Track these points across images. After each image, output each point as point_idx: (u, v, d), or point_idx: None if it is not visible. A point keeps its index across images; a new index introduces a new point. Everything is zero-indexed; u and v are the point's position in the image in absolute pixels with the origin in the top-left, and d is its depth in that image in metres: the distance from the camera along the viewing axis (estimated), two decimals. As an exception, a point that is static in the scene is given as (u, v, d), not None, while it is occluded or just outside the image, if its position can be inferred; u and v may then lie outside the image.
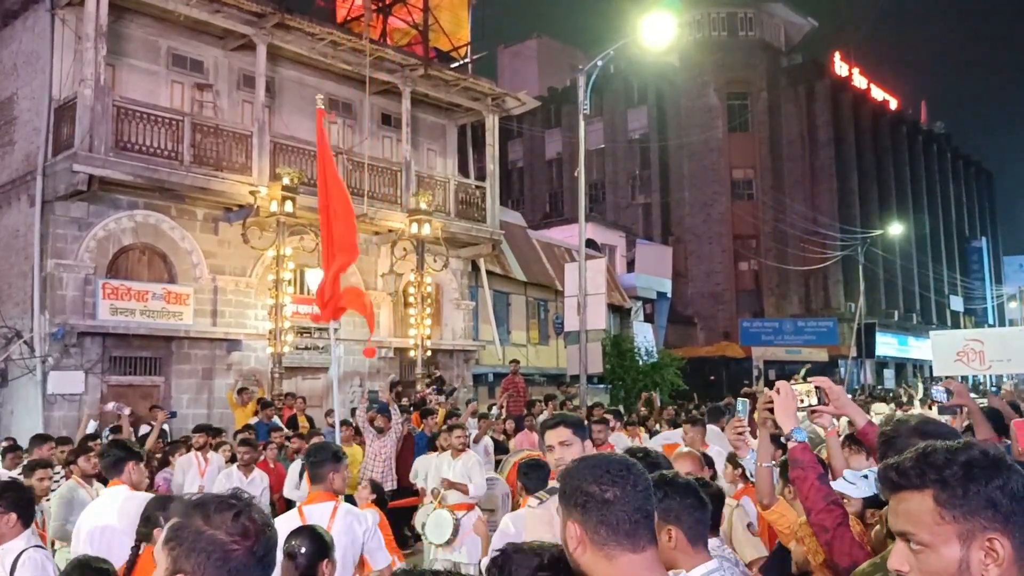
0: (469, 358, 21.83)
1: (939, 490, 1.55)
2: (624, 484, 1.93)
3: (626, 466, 2.02)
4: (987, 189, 60.04)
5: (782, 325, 34.79)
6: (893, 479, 1.64)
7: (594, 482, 1.92)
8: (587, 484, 1.92)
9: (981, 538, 1.51)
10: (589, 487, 1.91)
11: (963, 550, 1.52)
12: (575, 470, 2.00)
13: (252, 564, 1.80)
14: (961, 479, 1.54)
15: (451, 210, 20.26)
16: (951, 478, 1.55)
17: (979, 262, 55.44)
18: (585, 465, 2.01)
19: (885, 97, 44.83)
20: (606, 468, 1.97)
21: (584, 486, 1.92)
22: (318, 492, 4.85)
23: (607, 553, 1.88)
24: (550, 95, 40.10)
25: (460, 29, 22.04)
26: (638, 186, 41.34)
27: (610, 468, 1.98)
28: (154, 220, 15.79)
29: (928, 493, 1.56)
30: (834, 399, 3.04)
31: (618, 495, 1.91)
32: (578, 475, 1.97)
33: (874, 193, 42.15)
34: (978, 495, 1.53)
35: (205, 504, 1.82)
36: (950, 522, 1.53)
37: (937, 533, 1.54)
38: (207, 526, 1.77)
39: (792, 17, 43.16)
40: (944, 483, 1.55)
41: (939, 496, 1.55)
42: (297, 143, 17.39)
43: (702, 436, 8.06)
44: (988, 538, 1.51)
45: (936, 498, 1.55)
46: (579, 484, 1.94)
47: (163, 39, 16.69)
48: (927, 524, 1.55)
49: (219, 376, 16.37)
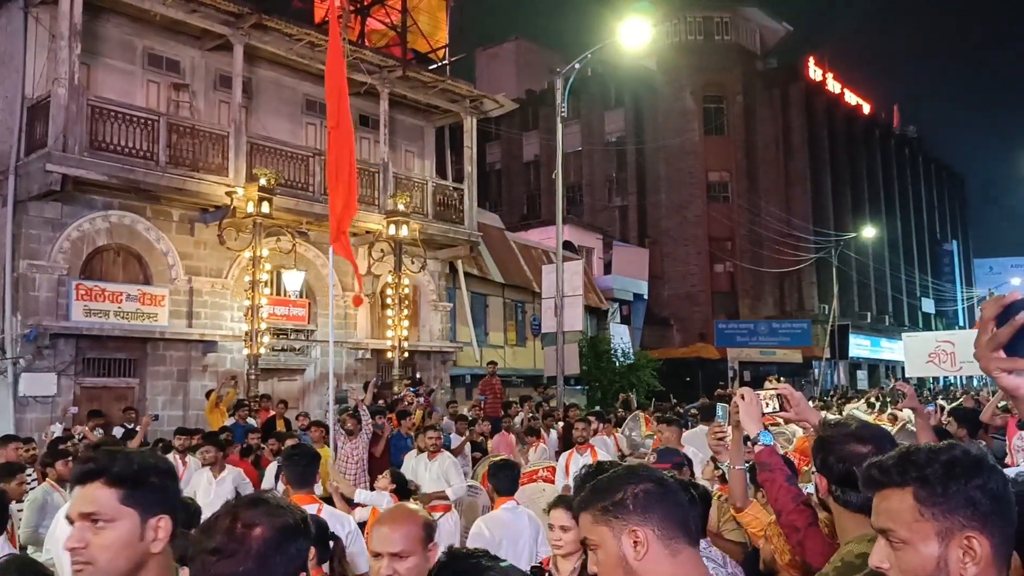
0: (446, 359, 21.83)
1: (919, 487, 1.56)
2: (656, 479, 1.96)
3: (641, 467, 2.04)
4: (958, 193, 60.85)
5: (757, 326, 35.09)
6: (875, 477, 1.65)
7: (638, 482, 1.92)
8: (631, 486, 1.91)
9: (959, 536, 1.53)
10: (636, 487, 1.91)
11: (941, 548, 1.53)
12: (606, 483, 1.97)
13: None
14: (941, 477, 1.56)
15: (429, 212, 20.26)
16: (931, 476, 1.56)
17: (950, 265, 56.17)
18: (610, 476, 2.00)
19: (858, 101, 45.34)
20: (632, 471, 2.00)
21: (630, 488, 1.91)
22: (300, 495, 4.86)
23: (672, 549, 1.86)
24: (528, 97, 40.17)
25: (438, 31, 22.04)
26: (615, 188, 41.51)
27: (645, 470, 2.02)
28: (129, 221, 15.66)
29: (908, 491, 1.57)
30: (794, 405, 3.12)
31: (662, 488, 1.93)
32: (615, 484, 1.95)
33: (847, 196, 42.61)
34: (957, 493, 1.54)
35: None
36: (929, 519, 1.54)
37: (916, 530, 1.55)
38: None
39: (767, 22, 43.52)
40: (924, 481, 1.56)
41: (919, 493, 1.56)
42: (274, 144, 17.32)
43: (678, 436, 8.14)
44: (966, 536, 1.52)
45: (916, 495, 1.56)
46: (630, 487, 1.91)
47: (139, 38, 16.57)
48: (907, 521, 1.56)
49: (195, 378, 16.27)
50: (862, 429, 2.60)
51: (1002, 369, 1.54)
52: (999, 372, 1.55)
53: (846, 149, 43.33)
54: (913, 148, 52.36)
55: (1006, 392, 1.59)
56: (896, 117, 52.41)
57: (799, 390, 3.29)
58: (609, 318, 30.58)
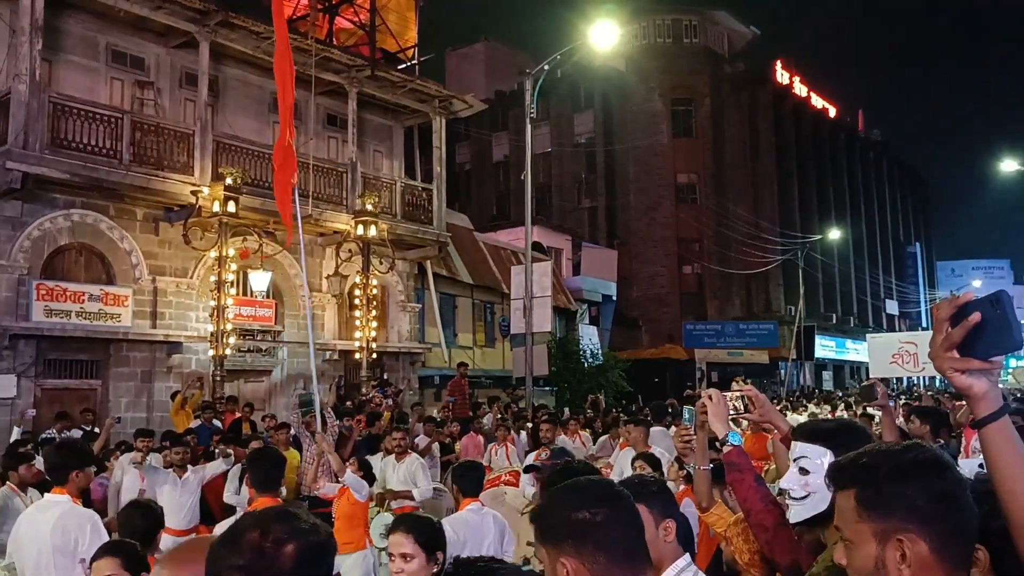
0: (415, 360, 21.75)
1: (860, 489, 1.61)
2: (611, 503, 1.82)
3: (604, 486, 1.91)
4: (921, 196, 61.76)
5: (724, 327, 35.35)
6: (833, 478, 1.72)
7: (582, 508, 1.77)
8: (574, 512, 1.77)
9: (896, 538, 1.56)
10: (577, 514, 1.76)
11: (879, 548, 1.57)
12: (552, 504, 1.86)
13: None
14: (880, 480, 1.59)
15: (397, 212, 20.18)
16: (871, 479, 1.60)
17: (913, 267, 57.01)
18: (562, 496, 1.86)
19: (824, 105, 45.86)
20: (586, 493, 1.84)
21: (571, 515, 1.77)
22: (265, 498, 4.82)
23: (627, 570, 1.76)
24: (497, 98, 40.14)
25: (407, 31, 21.96)
26: (584, 190, 41.60)
27: (591, 492, 1.85)
28: (92, 220, 15.42)
29: (851, 492, 1.63)
30: (759, 407, 3.18)
31: (609, 515, 1.77)
32: (558, 506, 1.82)
33: (813, 199, 43.09)
34: (894, 495, 1.57)
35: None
36: (866, 520, 1.59)
37: (857, 531, 1.60)
38: None
39: (735, 25, 43.88)
40: (864, 483, 1.61)
41: (859, 495, 1.61)
42: (241, 143, 17.16)
43: (645, 436, 8.18)
44: (903, 537, 1.55)
45: (856, 497, 1.61)
46: (564, 514, 1.78)
47: (102, 35, 16.33)
48: (851, 521, 1.62)
49: (159, 379, 16.06)
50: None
51: (955, 369, 1.58)
52: (952, 372, 1.59)
53: (812, 152, 43.83)
54: (877, 152, 53.08)
55: (959, 391, 1.63)
56: (861, 121, 53.11)
57: (765, 391, 3.33)
58: (578, 319, 30.65)
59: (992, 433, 1.58)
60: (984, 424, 1.59)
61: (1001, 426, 1.57)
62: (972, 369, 1.56)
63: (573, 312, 30.34)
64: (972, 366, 1.56)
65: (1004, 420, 1.58)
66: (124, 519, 4.12)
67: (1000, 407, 1.58)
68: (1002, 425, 1.57)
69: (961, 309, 1.55)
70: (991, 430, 1.58)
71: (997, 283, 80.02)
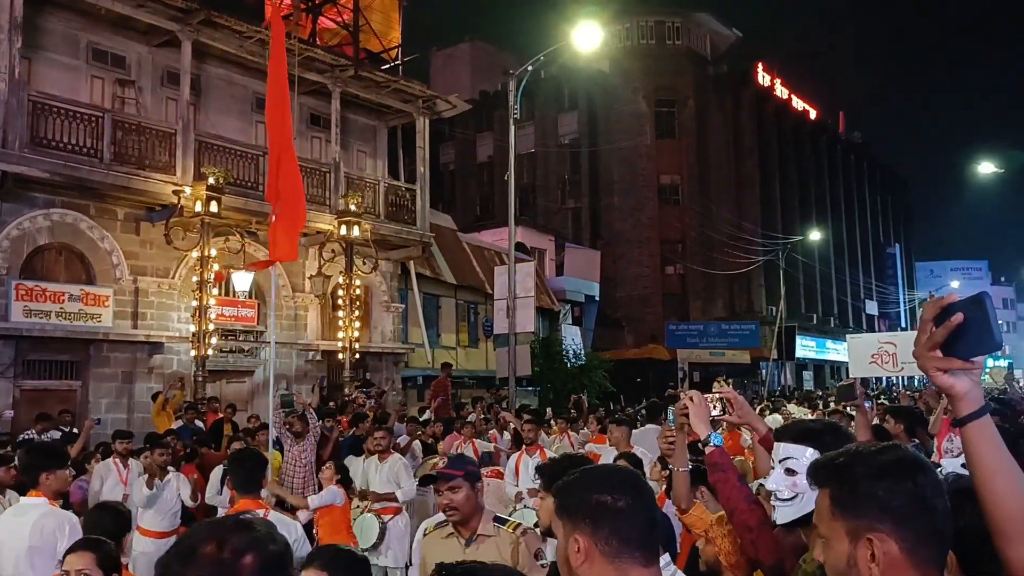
0: (398, 361, 21.73)
1: (834, 488, 1.65)
2: (634, 493, 1.88)
3: (630, 475, 1.98)
4: (901, 197, 62.24)
5: (707, 328, 35.50)
6: (812, 477, 1.75)
7: (605, 491, 1.85)
8: (597, 494, 1.84)
9: (867, 536, 1.58)
10: (601, 496, 1.83)
11: (851, 547, 1.60)
12: (578, 482, 1.92)
13: None
14: (854, 479, 1.62)
15: (381, 212, 20.15)
16: (845, 478, 1.63)
17: (893, 267, 57.47)
18: (589, 476, 1.95)
19: (805, 107, 46.19)
20: (612, 478, 1.93)
21: (594, 496, 1.84)
22: (246, 500, 4.81)
23: (618, 567, 1.80)
24: (482, 99, 40.12)
25: (391, 31, 21.92)
26: (568, 190, 41.66)
27: (616, 478, 1.94)
28: (72, 219, 15.31)
29: (826, 491, 1.67)
30: (737, 408, 3.22)
31: (630, 504, 1.84)
32: (583, 486, 1.89)
33: (795, 200, 43.37)
34: (867, 495, 1.60)
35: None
36: (839, 519, 1.62)
37: (831, 529, 1.63)
38: None
39: (718, 27, 44.08)
40: (838, 482, 1.64)
41: (833, 494, 1.65)
42: (223, 142, 17.08)
43: (627, 436, 8.21)
44: (873, 536, 1.57)
45: (831, 495, 1.65)
46: (587, 494, 1.86)
47: (83, 33, 16.21)
48: (825, 519, 1.66)
49: (140, 380, 15.96)
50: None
51: (937, 368, 1.61)
52: (934, 371, 1.62)
53: (794, 154, 44.13)
54: (858, 154, 53.46)
55: (941, 390, 1.66)
56: (842, 123, 53.50)
57: (747, 391, 3.36)
58: (561, 319, 30.69)
59: (973, 431, 1.60)
60: (965, 422, 1.61)
61: (982, 425, 1.60)
62: (954, 369, 1.60)
63: (556, 312, 30.37)
64: (954, 365, 1.59)
65: (985, 419, 1.60)
66: (93, 520, 4.10)
67: (981, 406, 1.61)
68: (983, 424, 1.60)
69: (945, 310, 1.58)
70: (972, 428, 1.60)
71: (975, 284, 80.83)
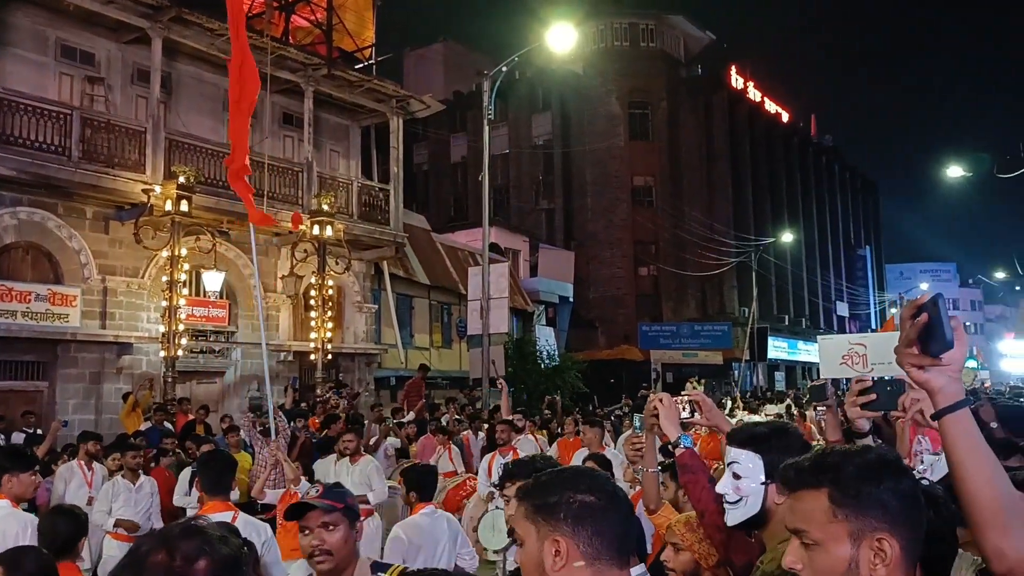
0: (371, 361, 21.64)
1: (833, 489, 1.61)
2: (612, 494, 1.85)
3: (605, 477, 1.93)
4: (871, 200, 62.94)
5: (679, 329, 35.68)
6: (792, 478, 1.70)
7: (587, 491, 1.80)
8: (579, 493, 1.80)
9: (871, 537, 1.57)
10: (583, 496, 1.79)
11: (853, 549, 1.57)
12: (557, 481, 1.87)
13: None
14: (855, 479, 1.61)
15: (354, 212, 20.06)
16: (845, 478, 1.61)
17: (863, 269, 58.08)
18: (566, 476, 1.89)
19: (777, 110, 46.57)
20: (592, 478, 1.89)
21: (576, 495, 1.79)
22: (215, 502, 4.77)
23: (597, 569, 1.76)
24: (456, 99, 40.06)
25: (365, 30, 21.84)
26: (542, 191, 41.71)
27: (594, 478, 1.89)
28: (39, 218, 15.10)
29: (823, 492, 1.62)
30: (706, 411, 3.26)
31: (610, 505, 1.81)
32: (563, 485, 1.84)
33: (767, 202, 43.73)
34: (870, 495, 1.59)
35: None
36: (842, 520, 1.59)
37: (829, 531, 1.59)
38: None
39: (691, 30, 44.31)
40: (838, 482, 1.61)
41: (833, 495, 1.61)
42: (194, 140, 16.92)
43: (600, 437, 8.23)
44: (878, 538, 1.57)
45: (830, 496, 1.61)
46: (569, 494, 1.80)
47: (52, 29, 16.00)
48: (821, 522, 1.60)
49: (108, 381, 15.77)
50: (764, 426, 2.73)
51: (911, 364, 1.67)
52: (909, 367, 1.68)
53: (766, 156, 44.49)
54: (829, 156, 54.00)
55: (918, 385, 1.70)
56: (813, 126, 53.99)
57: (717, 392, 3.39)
58: (535, 320, 30.72)
59: (949, 424, 1.63)
60: (940, 416, 1.65)
61: (957, 418, 1.63)
62: (925, 365, 1.65)
63: (530, 313, 30.40)
64: (924, 362, 1.65)
65: (963, 413, 1.63)
66: (47, 525, 4.03)
67: (958, 400, 1.63)
68: (958, 418, 1.63)
69: (918, 309, 1.64)
70: (947, 422, 1.63)
71: (943, 285, 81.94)
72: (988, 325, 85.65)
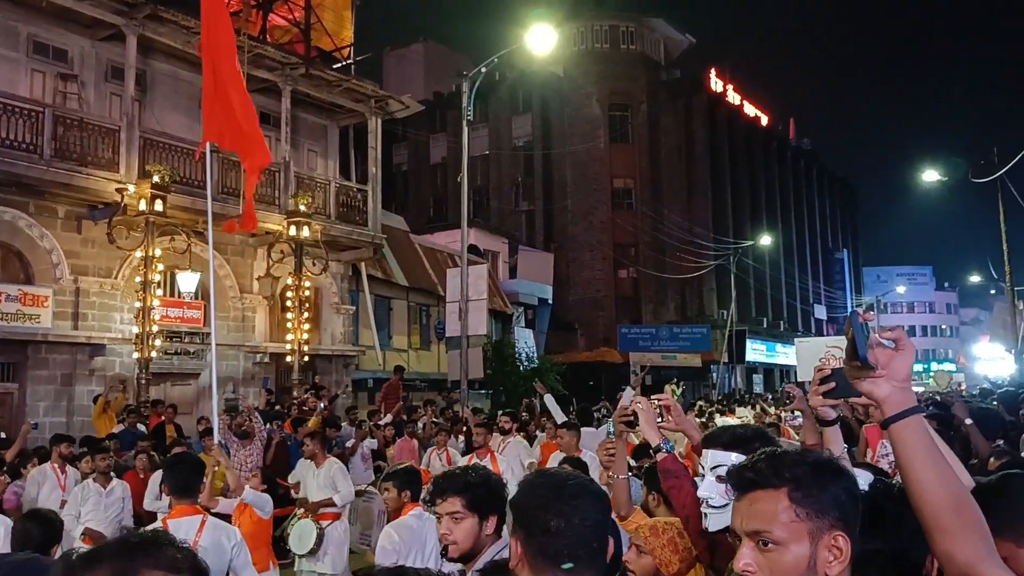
0: (349, 363, 21.49)
1: (793, 488, 1.61)
2: (572, 516, 1.86)
3: (581, 493, 1.93)
4: (849, 203, 63.44)
5: (659, 331, 35.79)
6: (749, 478, 1.67)
7: (542, 508, 1.84)
8: (535, 508, 1.84)
9: (828, 536, 1.58)
10: (535, 512, 1.84)
11: (812, 547, 1.58)
12: (531, 488, 1.94)
13: None
14: (813, 478, 1.62)
15: (332, 212, 19.91)
16: (804, 477, 1.62)
17: (841, 273, 58.52)
18: (541, 485, 1.94)
19: (757, 114, 46.79)
20: (559, 492, 1.90)
21: (531, 509, 1.85)
22: (183, 505, 4.67)
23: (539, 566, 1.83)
24: (436, 100, 39.99)
25: (343, 29, 21.71)
26: (522, 193, 41.71)
27: (563, 494, 1.90)
28: (10, 216, 14.86)
29: (783, 491, 1.61)
30: (674, 415, 3.29)
31: (562, 527, 1.83)
32: (532, 494, 1.90)
33: (746, 205, 43.92)
34: (828, 494, 1.60)
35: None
36: (803, 519, 1.59)
37: (791, 530, 1.59)
38: None
39: (672, 33, 44.48)
40: (798, 481, 1.61)
41: (793, 494, 1.61)
42: (169, 139, 16.72)
43: (576, 440, 8.18)
44: (835, 536, 1.58)
45: (791, 496, 1.61)
46: (528, 505, 1.87)
47: (24, 25, 15.77)
48: (781, 522, 1.60)
49: (80, 383, 15.54)
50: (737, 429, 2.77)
51: (852, 376, 1.70)
52: (852, 378, 1.71)
53: (745, 159, 44.69)
54: (808, 160, 54.36)
55: (867, 396, 1.70)
56: (792, 129, 54.33)
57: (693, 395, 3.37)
58: (514, 322, 30.68)
59: (897, 432, 1.64)
60: (888, 424, 1.65)
61: (905, 425, 1.63)
62: (863, 376, 1.67)
63: (509, 315, 30.35)
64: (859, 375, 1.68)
65: (911, 420, 1.63)
66: (20, 530, 3.95)
67: (905, 409, 1.64)
68: (906, 424, 1.63)
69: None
70: (896, 429, 1.64)
71: (920, 289, 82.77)
72: (964, 328, 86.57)
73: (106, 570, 1.37)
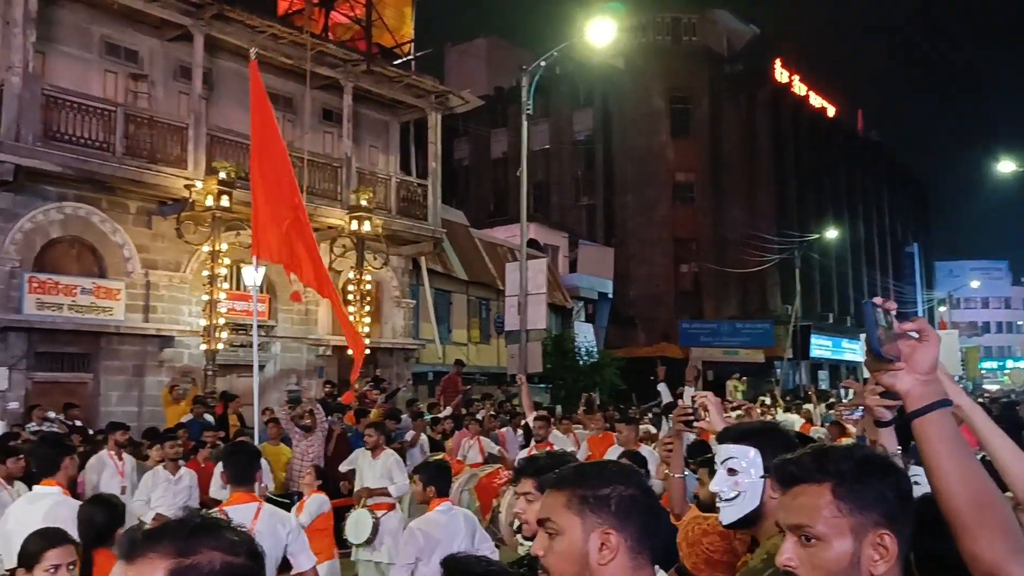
0: (409, 356, 21.71)
1: (837, 483, 1.59)
2: (650, 491, 1.87)
3: (640, 475, 1.93)
4: (919, 196, 61.73)
5: (720, 326, 35.34)
6: (792, 472, 1.66)
7: (632, 485, 1.81)
8: (627, 487, 1.80)
9: (873, 533, 1.56)
10: (631, 490, 1.79)
11: (855, 544, 1.56)
12: (602, 472, 1.86)
13: None
14: (858, 474, 1.59)
15: (392, 207, 20.13)
16: (849, 472, 1.60)
17: (911, 267, 56.99)
18: (612, 469, 1.90)
19: (823, 104, 45.72)
20: (634, 474, 1.89)
21: (624, 488, 1.79)
22: (239, 493, 4.78)
23: (638, 563, 1.75)
24: (497, 95, 40.02)
25: (404, 26, 21.91)
26: (582, 187, 41.55)
27: (636, 474, 1.89)
28: (84, 212, 15.37)
29: (826, 486, 1.60)
30: (712, 414, 3.26)
31: (652, 504, 1.84)
32: (610, 477, 1.83)
33: (811, 198, 43.02)
34: (873, 491, 1.58)
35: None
36: (846, 515, 1.57)
37: (833, 526, 1.57)
38: None
39: (735, 24, 43.78)
40: (842, 476, 1.59)
41: (837, 489, 1.58)
42: (235, 136, 17.07)
43: (636, 435, 8.16)
44: (880, 534, 1.56)
45: (834, 491, 1.59)
46: (618, 487, 1.79)
47: (96, 26, 16.27)
48: (824, 517, 1.58)
49: (150, 373, 16.01)
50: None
51: (871, 368, 1.69)
52: (875, 372, 1.70)
53: (810, 152, 43.75)
54: (876, 152, 53.00)
55: (889, 390, 1.68)
56: (860, 121, 53.04)
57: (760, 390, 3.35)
58: (574, 317, 30.63)
59: (920, 427, 1.60)
60: (911, 419, 1.62)
61: (930, 421, 1.59)
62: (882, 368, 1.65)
63: (569, 310, 30.31)
64: (877, 367, 1.66)
65: (936, 415, 1.59)
66: (84, 514, 4.10)
67: (929, 403, 1.60)
68: (930, 420, 1.59)
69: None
70: (919, 424, 1.60)
71: (995, 283, 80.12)
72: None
73: (168, 547, 1.42)
